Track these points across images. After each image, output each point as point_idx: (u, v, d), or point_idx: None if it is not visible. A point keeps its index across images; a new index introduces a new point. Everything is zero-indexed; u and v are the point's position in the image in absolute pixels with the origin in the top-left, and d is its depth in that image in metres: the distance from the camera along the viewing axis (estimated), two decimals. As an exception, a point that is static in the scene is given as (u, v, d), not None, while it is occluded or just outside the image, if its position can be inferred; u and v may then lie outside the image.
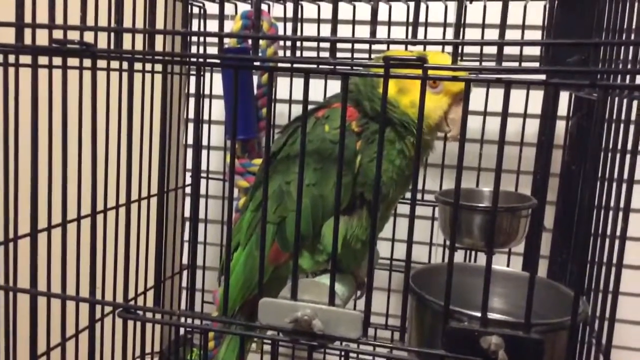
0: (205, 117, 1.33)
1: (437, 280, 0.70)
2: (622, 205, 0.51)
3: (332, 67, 0.54)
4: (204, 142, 1.36)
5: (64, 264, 0.67)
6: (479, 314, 0.55)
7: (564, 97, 1.04)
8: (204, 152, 1.37)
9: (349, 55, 1.25)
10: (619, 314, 0.58)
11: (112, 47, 0.61)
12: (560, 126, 1.15)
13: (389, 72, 0.53)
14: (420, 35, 1.21)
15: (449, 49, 0.59)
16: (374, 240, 0.61)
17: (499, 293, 0.74)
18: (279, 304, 0.59)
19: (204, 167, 1.37)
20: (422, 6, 1.20)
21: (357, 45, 1.24)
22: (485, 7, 1.13)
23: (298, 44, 1.27)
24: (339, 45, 0.56)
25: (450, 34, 1.23)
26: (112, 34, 0.60)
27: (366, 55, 1.27)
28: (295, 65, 0.58)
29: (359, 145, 0.74)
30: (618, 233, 0.53)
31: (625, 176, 0.50)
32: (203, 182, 1.37)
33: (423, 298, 0.63)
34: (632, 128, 0.48)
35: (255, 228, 0.78)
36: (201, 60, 0.59)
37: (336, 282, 0.60)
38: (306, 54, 1.30)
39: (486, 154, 1.26)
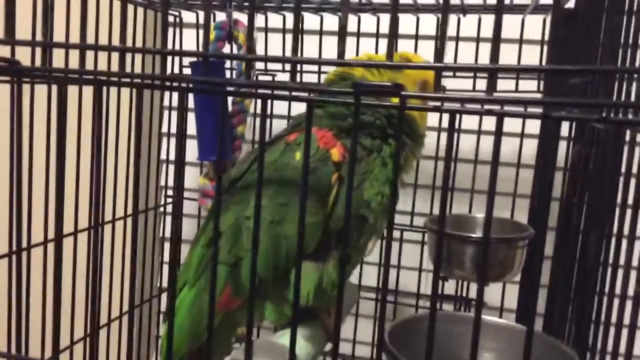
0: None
1: (421, 333, 0.62)
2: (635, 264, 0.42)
3: (290, 92, 0.46)
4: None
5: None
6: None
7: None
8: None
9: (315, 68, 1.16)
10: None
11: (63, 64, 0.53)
12: (561, 148, 1.07)
13: (360, 100, 0.45)
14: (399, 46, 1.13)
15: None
16: (343, 286, 0.52)
17: (490, 347, 0.66)
18: (230, 370, 0.51)
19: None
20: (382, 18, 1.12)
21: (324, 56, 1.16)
22: (480, 19, 1.05)
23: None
24: (307, 55, 0.48)
25: (424, 46, 1.14)
26: (45, 51, 0.52)
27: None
28: (259, 91, 0.50)
29: (335, 177, 0.64)
30: (630, 293, 0.44)
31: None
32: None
33: (399, 361, 0.55)
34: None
35: (206, 267, 0.67)
36: (157, 82, 0.50)
37: (301, 339, 0.52)
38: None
39: (480, 175, 1.18)
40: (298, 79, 1.08)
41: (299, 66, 1.14)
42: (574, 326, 0.72)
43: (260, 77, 1.22)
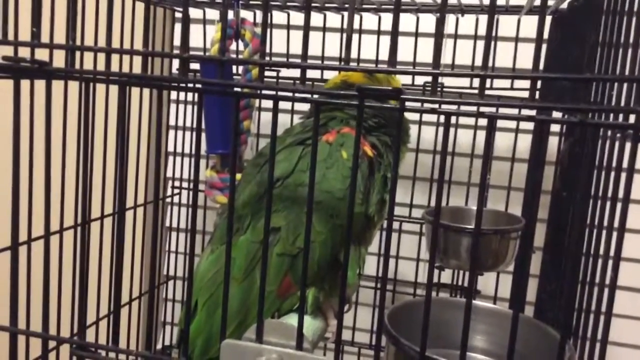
0: (187, 123, 1.29)
1: (418, 317, 0.66)
2: (612, 253, 0.47)
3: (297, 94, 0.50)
4: (186, 150, 1.32)
5: (15, 291, 0.62)
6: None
7: (556, 115, 1.00)
8: (186, 160, 1.33)
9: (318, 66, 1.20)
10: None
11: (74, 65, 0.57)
12: (553, 143, 1.11)
13: (364, 103, 0.49)
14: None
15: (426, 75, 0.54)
16: (346, 275, 0.56)
17: (482, 330, 0.70)
18: (243, 347, 0.55)
19: (185, 175, 1.33)
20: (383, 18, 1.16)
21: (327, 53, 1.20)
22: (477, 19, 1.09)
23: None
24: (310, 51, 0.52)
25: (423, 44, 1.18)
26: (69, 52, 0.56)
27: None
28: (271, 93, 0.54)
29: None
30: (607, 281, 0.49)
31: (616, 224, 0.45)
32: (184, 191, 1.34)
33: (398, 342, 0.59)
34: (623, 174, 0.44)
35: (259, 261, 0.71)
36: (165, 83, 0.55)
37: (307, 320, 0.56)
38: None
39: (476, 169, 1.22)
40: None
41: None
42: (562, 313, 0.77)
43: (265, 73, 1.26)
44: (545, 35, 1.08)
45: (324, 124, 0.81)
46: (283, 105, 1.23)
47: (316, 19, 1.17)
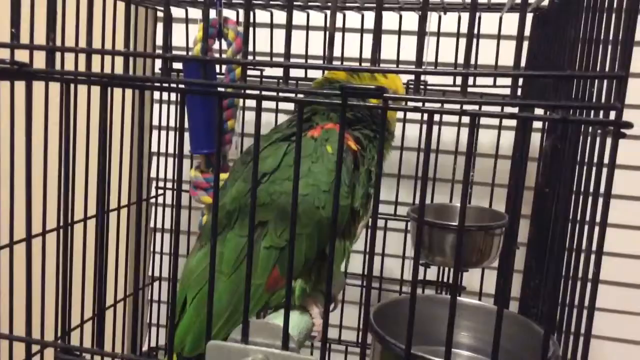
0: (171, 123, 1.28)
1: (404, 314, 0.67)
2: (594, 248, 0.47)
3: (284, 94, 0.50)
4: (170, 150, 1.31)
5: None
6: (442, 361, 0.51)
7: (538, 112, 1.01)
8: (170, 160, 1.32)
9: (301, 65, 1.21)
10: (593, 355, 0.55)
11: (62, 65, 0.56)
12: (536, 139, 1.12)
13: (347, 102, 0.49)
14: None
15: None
16: (332, 271, 0.56)
17: (467, 327, 0.71)
18: (229, 348, 0.55)
19: (169, 175, 1.32)
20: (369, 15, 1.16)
21: (310, 51, 1.20)
22: (459, 17, 1.10)
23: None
24: (293, 50, 0.52)
25: (406, 42, 1.18)
26: (50, 54, 0.55)
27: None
28: (254, 93, 0.54)
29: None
30: (590, 276, 0.49)
31: (598, 219, 0.46)
32: (169, 191, 1.33)
33: (384, 339, 0.59)
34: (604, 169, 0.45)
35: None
36: (148, 84, 0.54)
37: (293, 319, 0.56)
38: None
39: (460, 166, 1.23)
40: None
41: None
42: (546, 308, 0.77)
43: (249, 72, 1.25)
44: (527, 33, 1.09)
45: (308, 117, 0.82)
46: (267, 104, 1.23)
47: (299, 17, 1.17)
